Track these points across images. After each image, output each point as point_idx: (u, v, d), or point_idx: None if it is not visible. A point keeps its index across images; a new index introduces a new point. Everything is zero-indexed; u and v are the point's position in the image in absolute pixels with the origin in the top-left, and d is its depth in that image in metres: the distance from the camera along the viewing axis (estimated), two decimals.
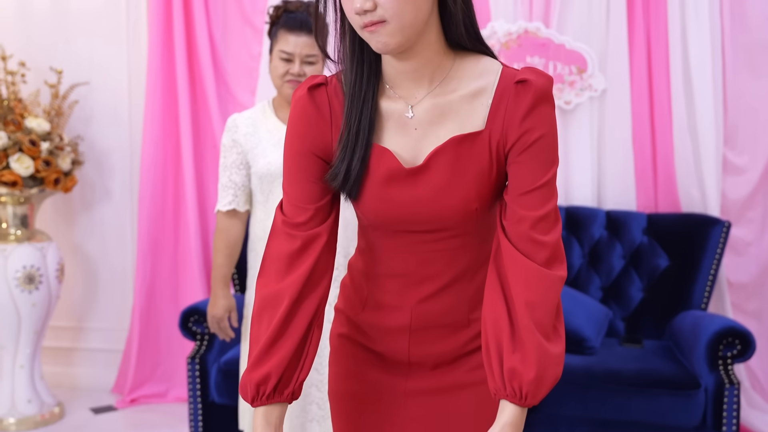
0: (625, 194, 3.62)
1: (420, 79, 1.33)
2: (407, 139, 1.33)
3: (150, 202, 3.88)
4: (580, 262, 3.49)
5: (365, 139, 1.32)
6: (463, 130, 1.31)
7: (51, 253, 3.65)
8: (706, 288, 3.34)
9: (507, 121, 1.28)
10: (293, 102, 1.41)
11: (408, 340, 1.43)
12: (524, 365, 1.22)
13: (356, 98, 1.33)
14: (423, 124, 1.33)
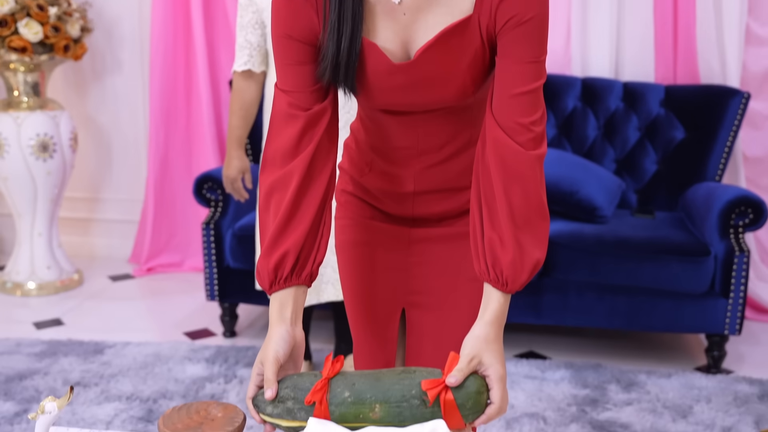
0: (644, 65, 3.54)
1: None
2: (396, 28, 1.28)
3: (161, 71, 3.84)
4: (595, 134, 3.46)
5: (351, 30, 1.26)
6: (451, 16, 1.26)
7: (64, 122, 3.64)
8: (721, 161, 3.32)
9: (496, 3, 1.23)
10: None
11: (412, 202, 1.44)
12: (503, 249, 1.22)
13: None
14: (411, 9, 1.27)
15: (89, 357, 2.93)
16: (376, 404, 1.15)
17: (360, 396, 1.16)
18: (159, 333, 3.26)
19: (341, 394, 1.16)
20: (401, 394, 1.15)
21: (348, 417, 1.15)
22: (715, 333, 2.91)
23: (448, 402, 1.14)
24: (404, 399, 1.15)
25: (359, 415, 1.15)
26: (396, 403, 1.15)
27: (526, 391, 2.72)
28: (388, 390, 1.16)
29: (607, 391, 2.73)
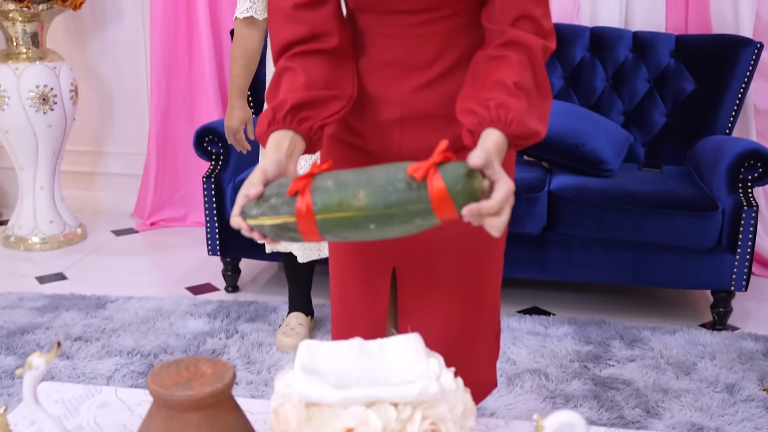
0: (654, 14, 3.45)
1: None
2: None
3: (162, 22, 3.77)
4: (603, 85, 3.38)
5: None
6: None
7: (64, 73, 3.59)
8: (731, 113, 3.25)
9: None
10: None
11: (399, 133, 1.35)
12: (511, 98, 1.17)
13: None
14: None
15: (91, 312, 2.92)
16: (359, 190, 1.09)
17: (343, 183, 1.10)
18: (161, 288, 3.25)
19: (324, 183, 1.11)
20: (386, 178, 1.09)
21: (331, 206, 1.10)
22: (721, 289, 2.88)
23: (436, 183, 1.06)
24: (389, 183, 1.09)
25: (342, 202, 1.09)
26: (381, 187, 1.09)
27: (528, 347, 2.70)
28: (373, 176, 1.10)
29: (611, 347, 2.71)
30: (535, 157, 3.16)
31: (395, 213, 1.08)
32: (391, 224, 1.09)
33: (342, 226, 1.10)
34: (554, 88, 3.40)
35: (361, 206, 1.08)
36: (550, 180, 3.01)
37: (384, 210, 1.08)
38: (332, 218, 1.09)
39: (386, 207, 1.08)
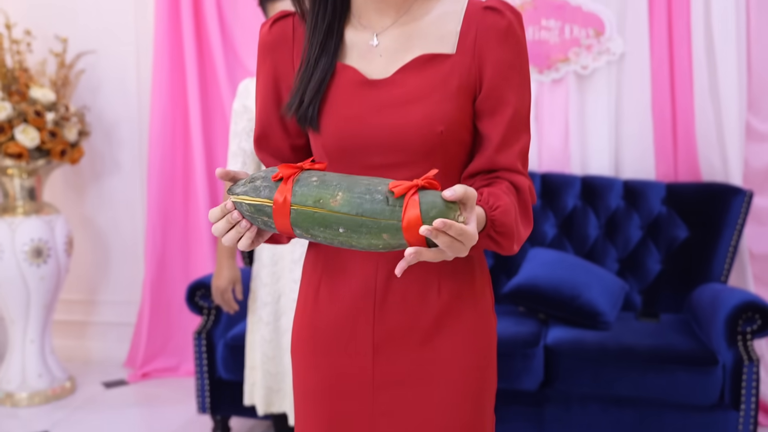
0: (644, 163, 3.50)
1: (387, 8, 1.31)
2: (372, 66, 1.30)
3: (159, 173, 3.82)
4: (596, 233, 3.39)
5: (327, 62, 1.29)
6: (432, 52, 1.29)
7: (59, 226, 3.61)
8: (726, 260, 3.23)
9: (482, 44, 1.27)
10: (260, 34, 1.39)
11: (373, 321, 1.31)
12: (503, 195, 1.23)
13: (318, 29, 1.31)
14: (389, 51, 1.30)
15: None
16: (339, 192, 1.14)
17: (326, 181, 1.15)
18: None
19: (309, 178, 1.17)
20: (367, 187, 1.13)
21: (308, 199, 1.14)
22: None
23: (412, 202, 1.09)
24: (368, 192, 1.12)
25: (320, 199, 1.14)
26: (359, 194, 1.12)
27: None
28: (356, 183, 1.14)
29: None
30: (531, 309, 3.12)
31: (366, 222, 1.11)
32: (359, 232, 1.13)
33: (313, 221, 1.15)
34: (547, 236, 3.40)
35: (336, 207, 1.13)
36: (546, 333, 2.96)
37: (356, 216, 1.12)
38: (305, 211, 1.15)
39: (359, 214, 1.12)
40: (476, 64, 1.26)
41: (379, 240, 1.12)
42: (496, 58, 1.26)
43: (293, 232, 1.18)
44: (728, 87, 3.36)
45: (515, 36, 1.27)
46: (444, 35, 1.29)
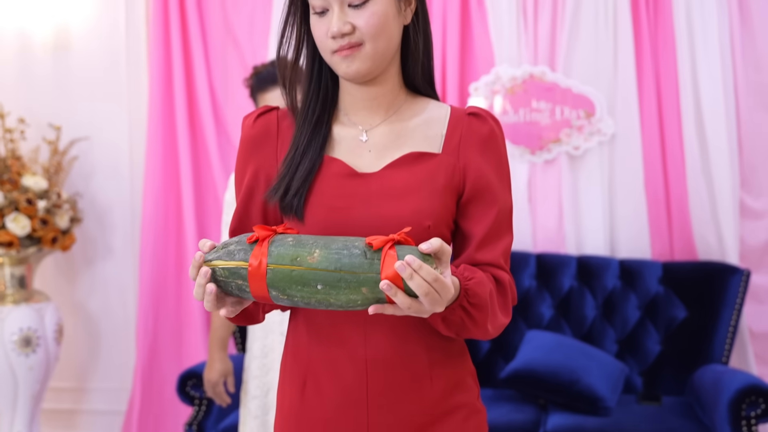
0: (639, 242, 3.48)
1: (377, 108, 1.37)
2: (361, 160, 1.34)
3: (151, 258, 3.79)
4: (593, 314, 3.35)
5: (315, 153, 1.32)
6: (420, 150, 1.34)
7: (49, 314, 3.56)
8: (726, 340, 3.19)
9: (466, 149, 1.33)
10: (243, 127, 1.40)
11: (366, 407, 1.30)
12: (479, 272, 1.27)
13: (308, 121, 1.35)
14: (378, 147, 1.35)
15: None
16: (316, 249, 1.14)
17: (302, 241, 1.16)
18: None
19: (284, 239, 1.17)
20: (344, 243, 1.15)
21: (284, 258, 1.14)
22: None
23: (389, 255, 1.12)
24: (345, 247, 1.14)
25: (297, 257, 1.14)
26: (336, 249, 1.14)
27: None
28: (332, 240, 1.16)
29: None
30: (530, 394, 3.06)
31: (344, 276, 1.12)
32: (338, 288, 1.13)
33: (291, 280, 1.14)
34: (544, 318, 3.36)
35: (314, 263, 1.13)
36: (545, 420, 2.89)
37: (334, 271, 1.12)
38: (283, 270, 1.14)
39: (337, 268, 1.12)
40: (460, 165, 1.33)
41: (358, 295, 1.13)
42: (479, 161, 1.33)
43: (269, 294, 1.16)
44: (720, 165, 3.37)
45: (496, 141, 1.36)
46: (430, 137, 1.35)
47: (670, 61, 3.45)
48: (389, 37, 1.32)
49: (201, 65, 3.76)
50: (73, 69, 3.93)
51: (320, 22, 1.31)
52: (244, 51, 3.79)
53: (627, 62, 3.46)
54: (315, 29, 1.32)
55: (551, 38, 3.53)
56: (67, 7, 3.85)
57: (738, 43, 3.42)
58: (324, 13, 1.31)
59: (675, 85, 3.44)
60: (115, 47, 3.89)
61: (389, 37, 1.32)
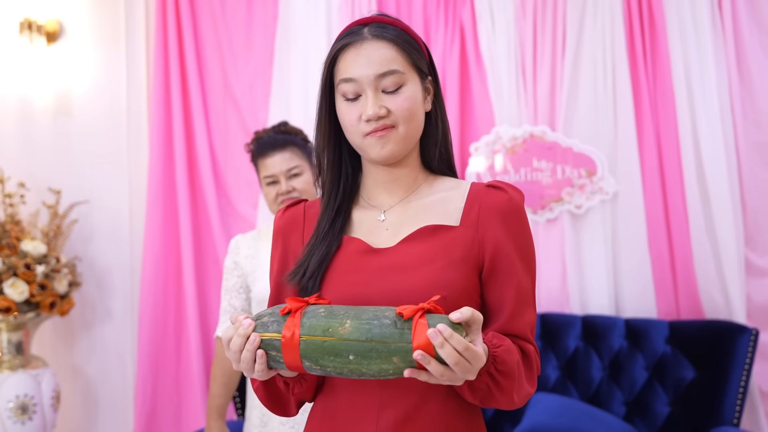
0: (644, 301, 3.44)
1: (397, 189, 1.44)
2: (379, 238, 1.39)
3: (150, 323, 3.73)
4: (600, 376, 3.28)
5: (333, 238, 1.39)
6: (436, 223, 1.38)
7: (46, 380, 3.50)
8: (737, 401, 3.12)
9: (486, 221, 1.35)
10: (275, 218, 1.50)
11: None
12: (508, 341, 1.29)
13: (330, 208, 1.42)
14: (395, 224, 1.40)
15: None
16: (347, 320, 1.18)
17: (334, 312, 1.20)
18: None
19: (316, 310, 1.21)
20: (374, 314, 1.18)
21: (317, 329, 1.18)
22: None
23: (420, 324, 1.14)
24: (376, 318, 1.17)
25: (328, 328, 1.18)
26: (367, 320, 1.17)
27: None
28: (363, 311, 1.19)
29: None
30: None
31: (376, 346, 1.15)
32: (370, 358, 1.16)
33: (323, 351, 1.18)
34: (550, 379, 3.30)
35: (345, 334, 1.17)
36: None
37: (366, 341, 1.16)
38: (315, 341, 1.18)
39: (368, 339, 1.16)
40: (479, 237, 1.35)
41: (390, 364, 1.16)
42: (498, 233, 1.34)
43: (302, 365, 1.20)
44: (724, 223, 3.35)
45: (517, 212, 1.37)
46: (449, 211, 1.39)
47: (670, 119, 3.45)
48: (418, 121, 1.40)
49: (201, 128, 3.77)
50: (73, 134, 3.93)
51: (352, 107, 1.37)
52: (244, 114, 3.80)
53: (627, 121, 3.46)
54: (345, 114, 1.38)
55: (551, 98, 3.55)
56: (68, 73, 3.88)
57: (738, 102, 3.43)
58: (356, 99, 1.37)
59: (676, 143, 3.44)
60: (116, 112, 3.90)
61: (418, 121, 1.40)
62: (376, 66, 1.35)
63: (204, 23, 3.82)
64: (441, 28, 3.63)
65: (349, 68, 1.37)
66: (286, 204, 1.51)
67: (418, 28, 3.67)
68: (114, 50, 3.91)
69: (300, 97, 3.67)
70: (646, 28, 3.50)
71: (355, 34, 1.38)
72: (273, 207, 2.49)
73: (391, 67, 1.36)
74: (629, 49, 3.50)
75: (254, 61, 3.81)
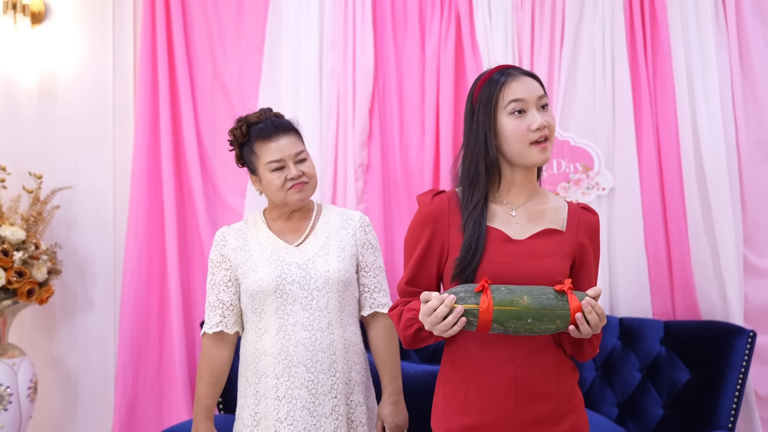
0: (640, 300, 3.35)
1: (522, 191, 1.94)
2: (511, 228, 1.90)
3: (132, 313, 3.62)
4: (592, 375, 3.20)
5: (481, 228, 1.86)
6: (550, 226, 1.92)
7: (23, 370, 3.40)
8: (732, 404, 3.03)
9: (582, 232, 1.93)
10: (420, 204, 1.95)
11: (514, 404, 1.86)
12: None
13: (477, 204, 1.89)
14: (522, 220, 1.91)
15: None
16: (524, 295, 1.71)
17: (512, 289, 1.73)
18: None
19: (498, 288, 1.73)
20: (540, 291, 1.74)
21: (505, 302, 1.70)
22: None
23: (572, 296, 1.73)
24: (543, 294, 1.73)
25: (513, 300, 1.71)
26: (537, 295, 1.72)
27: None
28: (530, 289, 1.74)
29: None
30: None
31: (546, 312, 1.71)
32: (542, 320, 1.71)
33: (510, 316, 1.71)
34: None
35: (525, 305, 1.71)
36: None
37: (540, 309, 1.71)
38: (505, 310, 1.70)
39: (541, 308, 1.71)
40: (578, 242, 1.93)
41: (554, 324, 1.72)
42: (588, 243, 1.94)
43: (490, 327, 1.72)
44: (723, 222, 3.26)
45: (599, 231, 1.99)
46: (557, 219, 1.94)
47: (670, 114, 3.36)
48: None
49: (189, 115, 3.66)
50: (57, 118, 3.83)
51: (520, 120, 1.86)
52: (233, 100, 3.70)
53: (625, 115, 3.37)
54: (514, 127, 1.85)
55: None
56: (53, 55, 3.78)
57: (739, 97, 3.34)
58: (522, 113, 1.86)
59: (675, 139, 3.35)
60: (102, 96, 3.80)
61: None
62: (536, 91, 1.89)
63: (193, 6, 3.72)
64: (437, 17, 3.53)
65: (515, 92, 1.87)
66: (432, 193, 1.95)
67: (413, 16, 3.58)
68: (100, 33, 3.80)
69: (290, 84, 3.57)
70: (647, 21, 3.40)
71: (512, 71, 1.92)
72: (280, 194, 2.35)
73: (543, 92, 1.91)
74: (629, 42, 3.41)
75: (244, 47, 3.71)
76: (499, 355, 1.86)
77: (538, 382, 1.85)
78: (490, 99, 1.88)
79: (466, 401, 1.88)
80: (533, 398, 1.84)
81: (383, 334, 2.48)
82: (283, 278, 2.32)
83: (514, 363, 1.85)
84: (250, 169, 2.42)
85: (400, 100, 3.58)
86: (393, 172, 3.57)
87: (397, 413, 2.43)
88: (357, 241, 2.45)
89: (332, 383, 2.33)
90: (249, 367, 2.37)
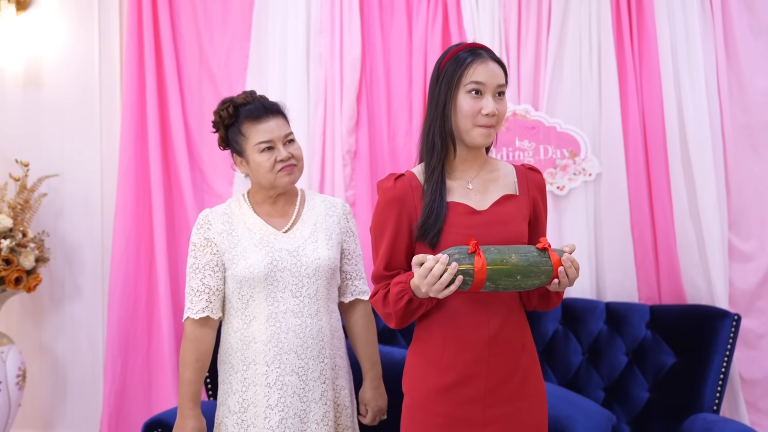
0: (626, 285, 3.37)
1: (473, 164, 2.05)
2: (471, 200, 2.01)
3: (120, 301, 3.63)
4: (578, 360, 3.22)
5: (443, 202, 1.96)
6: (505, 192, 2.05)
7: (11, 358, 3.40)
8: (717, 387, 3.06)
9: (532, 191, 2.07)
10: (383, 191, 2.02)
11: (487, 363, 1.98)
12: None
13: (435, 181, 1.98)
14: (479, 191, 2.03)
15: None
16: (512, 254, 1.83)
17: (500, 249, 1.84)
18: None
19: (489, 249, 1.83)
20: (525, 249, 1.85)
21: (496, 261, 1.81)
22: None
23: (552, 253, 1.86)
24: (528, 252, 1.85)
25: (503, 259, 1.81)
26: (523, 253, 1.84)
27: None
28: (516, 248, 1.85)
29: None
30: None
31: (533, 269, 1.83)
32: (529, 276, 1.83)
33: (501, 274, 1.81)
34: None
35: (515, 263, 1.82)
36: None
37: (527, 266, 1.82)
38: (497, 269, 1.81)
39: (528, 264, 1.83)
40: (530, 202, 2.06)
41: (539, 280, 1.85)
42: (538, 200, 2.08)
43: (483, 285, 1.81)
44: (708, 207, 3.29)
45: (545, 185, 2.13)
46: (509, 184, 2.07)
47: (655, 100, 3.38)
48: None
49: (176, 102, 3.66)
50: (44, 105, 3.82)
51: (475, 101, 1.95)
52: (220, 87, 3.69)
53: (612, 101, 3.38)
54: (468, 106, 1.95)
55: (534, 76, 3.46)
56: (39, 42, 3.76)
57: (725, 84, 3.35)
58: (479, 95, 1.95)
59: (661, 125, 3.37)
60: (88, 83, 3.79)
61: None
62: (497, 78, 1.98)
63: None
64: (424, 3, 3.53)
65: (478, 74, 1.96)
66: (392, 177, 2.02)
67: (400, 3, 3.58)
68: (86, 19, 3.79)
69: (277, 71, 3.56)
70: (633, 7, 3.41)
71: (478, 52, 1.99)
72: (269, 176, 2.33)
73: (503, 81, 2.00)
74: (615, 28, 3.42)
75: (231, 34, 3.70)
76: (479, 314, 1.97)
77: (510, 336, 1.99)
78: (454, 74, 1.96)
79: (444, 361, 1.98)
80: (505, 354, 1.99)
81: (363, 320, 2.52)
82: (274, 265, 2.32)
83: (489, 324, 1.97)
84: (237, 151, 2.40)
85: (388, 86, 3.59)
86: (381, 158, 3.58)
87: (378, 397, 2.52)
88: (341, 228, 2.47)
89: (321, 369, 2.35)
90: (235, 354, 2.36)
